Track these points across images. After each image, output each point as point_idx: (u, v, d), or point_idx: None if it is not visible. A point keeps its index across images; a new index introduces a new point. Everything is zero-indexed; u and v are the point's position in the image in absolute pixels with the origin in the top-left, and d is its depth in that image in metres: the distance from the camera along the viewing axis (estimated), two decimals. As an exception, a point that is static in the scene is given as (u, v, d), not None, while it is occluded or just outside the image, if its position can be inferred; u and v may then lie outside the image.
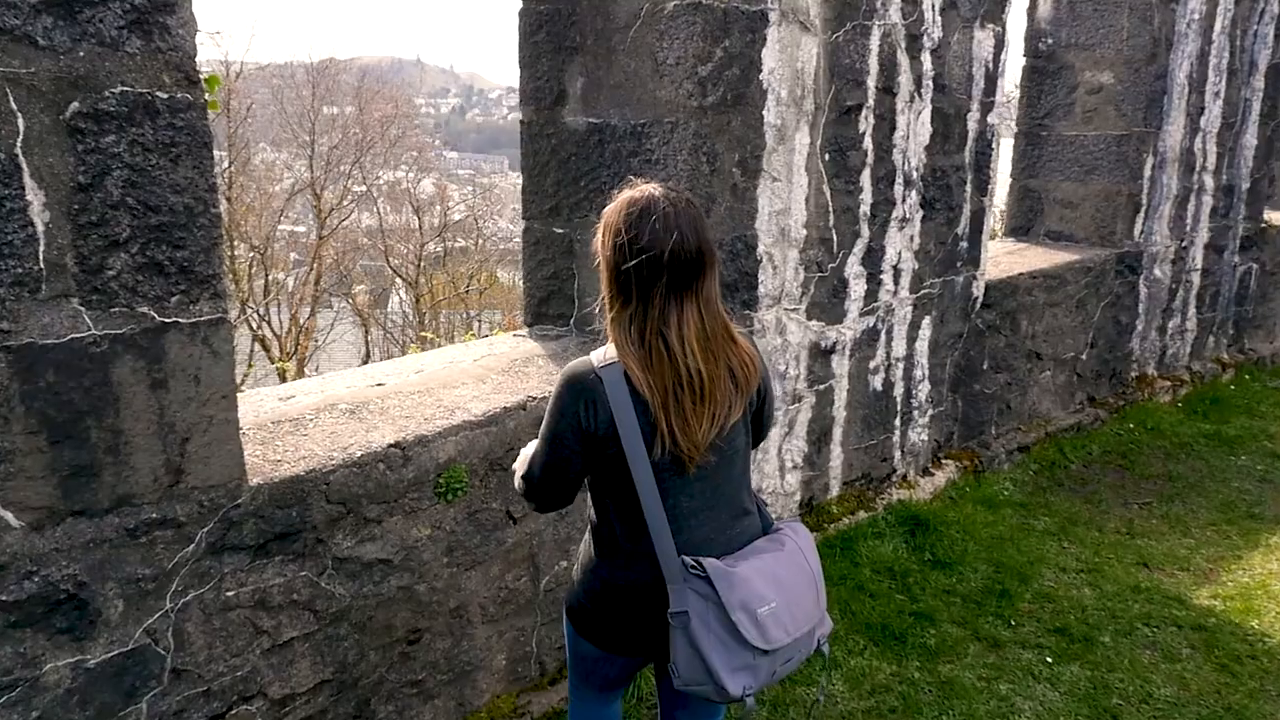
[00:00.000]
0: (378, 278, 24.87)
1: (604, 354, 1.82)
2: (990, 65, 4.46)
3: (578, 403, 1.78)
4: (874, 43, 3.76)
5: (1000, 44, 4.49)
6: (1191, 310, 6.64)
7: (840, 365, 4.05)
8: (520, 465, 1.97)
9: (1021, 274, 5.19)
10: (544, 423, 1.86)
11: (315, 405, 2.65)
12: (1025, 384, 5.40)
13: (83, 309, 1.82)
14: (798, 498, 4.05)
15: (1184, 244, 6.36)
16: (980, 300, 4.84)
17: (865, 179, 3.90)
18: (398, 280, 23.41)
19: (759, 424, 2.03)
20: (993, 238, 5.96)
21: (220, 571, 2.13)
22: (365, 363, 20.34)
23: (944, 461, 4.91)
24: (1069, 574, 4.04)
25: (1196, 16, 5.80)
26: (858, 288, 4.02)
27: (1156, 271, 6.19)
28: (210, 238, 1.94)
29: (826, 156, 3.68)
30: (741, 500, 1.94)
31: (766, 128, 3.35)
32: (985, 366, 5.05)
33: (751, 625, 1.76)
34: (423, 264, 22.61)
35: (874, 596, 3.72)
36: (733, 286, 3.40)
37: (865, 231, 3.96)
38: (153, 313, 1.90)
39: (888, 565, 3.96)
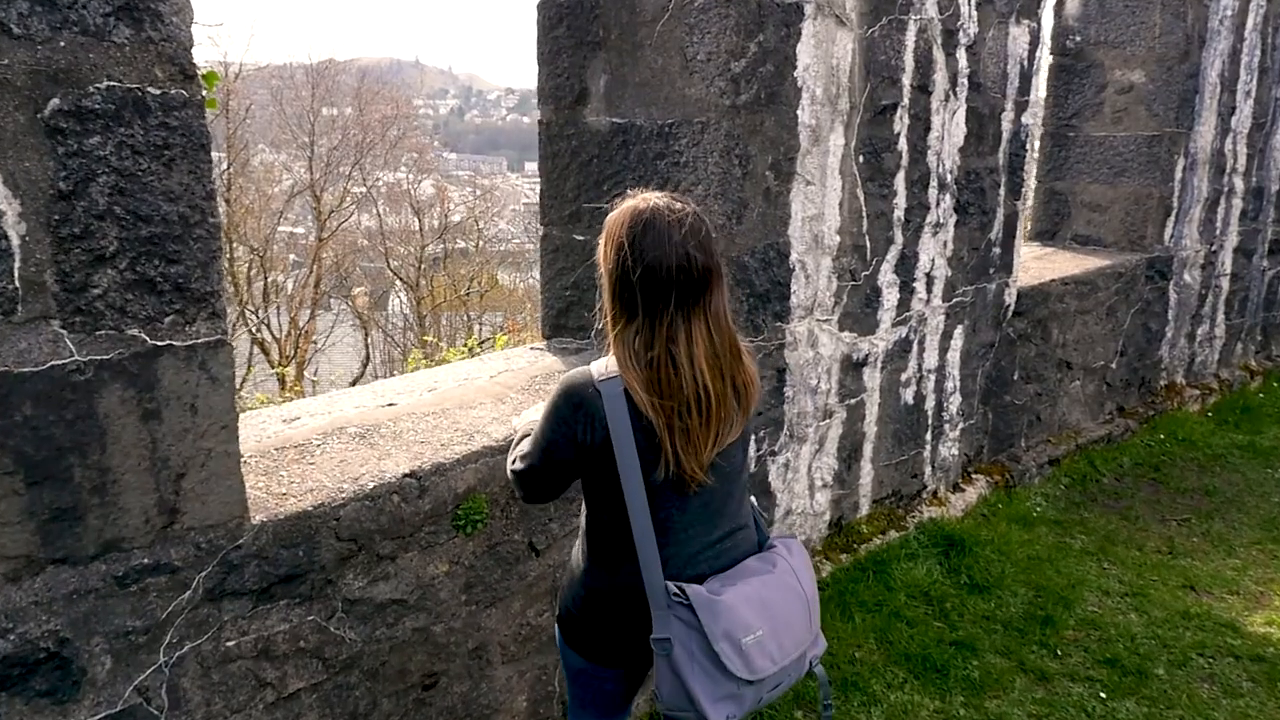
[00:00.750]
0: (377, 280, 24.65)
1: (605, 366, 1.75)
2: (1025, 63, 4.26)
3: (574, 415, 1.73)
4: (910, 38, 3.56)
5: (1035, 40, 4.29)
6: (1220, 316, 6.45)
7: (872, 378, 3.85)
8: (513, 454, 1.91)
9: (1053, 280, 4.99)
10: (538, 427, 1.81)
11: (322, 429, 2.45)
12: (1055, 394, 5.20)
13: (64, 332, 1.62)
14: (827, 517, 3.85)
15: (1213, 248, 6.17)
16: (1012, 308, 4.64)
17: (899, 182, 3.70)
18: (397, 282, 23.18)
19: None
20: (1018, 242, 5.76)
21: (220, 620, 1.92)
22: (365, 366, 20.11)
23: (974, 476, 4.71)
24: (1113, 598, 3.83)
25: (1229, 12, 5.61)
26: (890, 297, 3.81)
27: (1186, 277, 5.99)
28: (208, 250, 1.74)
29: (861, 159, 3.47)
30: (736, 515, 1.89)
31: (801, 128, 3.15)
32: (1016, 377, 4.85)
33: (735, 655, 1.72)
34: (423, 266, 22.39)
35: (911, 624, 3.52)
36: (764, 297, 3.20)
37: (899, 238, 3.76)
38: (144, 335, 1.69)
39: (923, 589, 3.75)
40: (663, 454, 1.70)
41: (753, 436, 3.19)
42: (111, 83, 1.60)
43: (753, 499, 2.01)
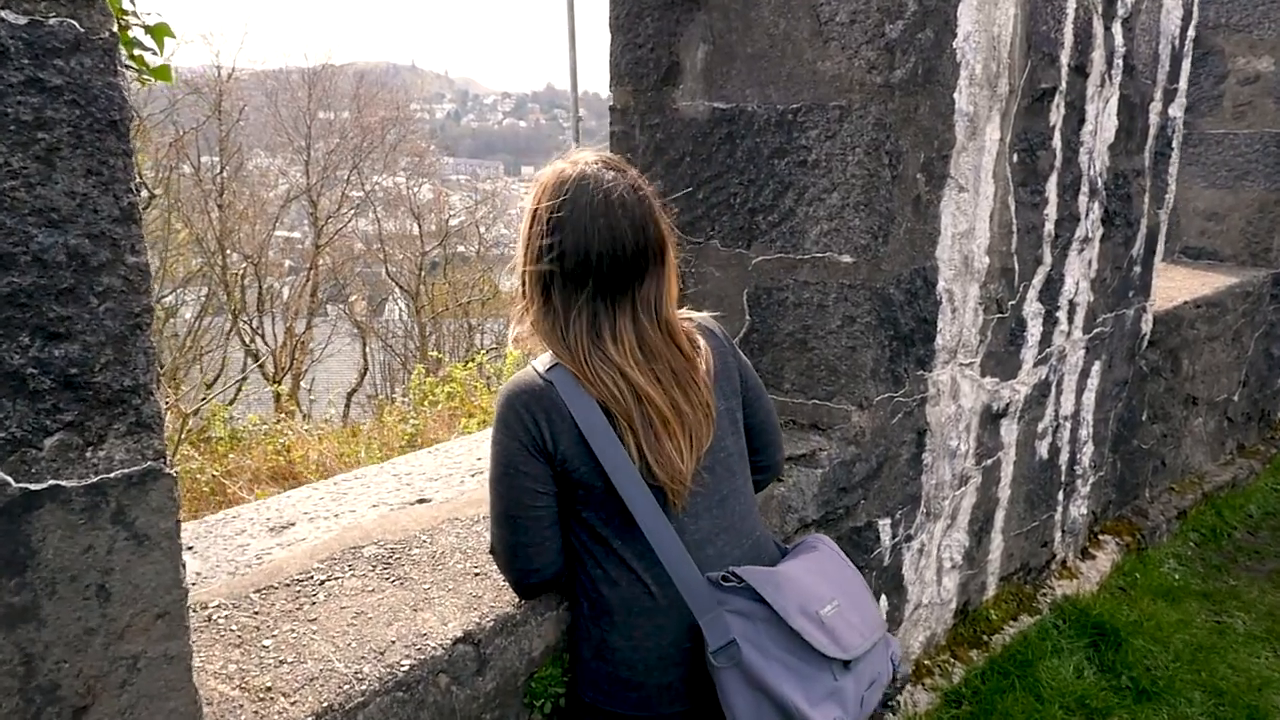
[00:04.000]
0: (376, 286, 23.86)
1: (546, 359, 1.46)
2: (1176, 42, 3.50)
3: (525, 416, 1.41)
4: (1071, 5, 2.80)
5: (1189, 15, 3.54)
6: (1338, 338, 5.70)
7: (1009, 432, 3.08)
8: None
9: (1185, 303, 4.23)
10: (490, 460, 1.45)
11: (328, 549, 1.67)
12: (1180, 435, 4.44)
13: None
14: (953, 605, 3.08)
15: (1334, 261, 5.41)
16: (1147, 338, 3.88)
17: (1051, 187, 2.93)
18: (396, 289, 22.39)
19: (760, 431, 1.63)
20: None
21: None
22: (363, 376, 19.22)
23: (1101, 538, 3.94)
24: (1312, 705, 3.07)
25: (1368, -9, 4.86)
26: (1035, 330, 3.05)
27: (1308, 294, 5.24)
28: (127, 313, 0.96)
29: (1015, 157, 2.71)
30: (754, 518, 1.57)
31: (957, 117, 2.39)
32: (1144, 417, 4.09)
33: (819, 631, 1.39)
34: (423, 272, 21.61)
35: (1078, 753, 2.75)
36: (908, 339, 2.43)
37: (1048, 257, 3.00)
38: (2, 474, 0.92)
39: (1079, 697, 2.99)
40: (630, 455, 1.39)
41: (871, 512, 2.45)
42: (-74, -1, 0.83)
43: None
